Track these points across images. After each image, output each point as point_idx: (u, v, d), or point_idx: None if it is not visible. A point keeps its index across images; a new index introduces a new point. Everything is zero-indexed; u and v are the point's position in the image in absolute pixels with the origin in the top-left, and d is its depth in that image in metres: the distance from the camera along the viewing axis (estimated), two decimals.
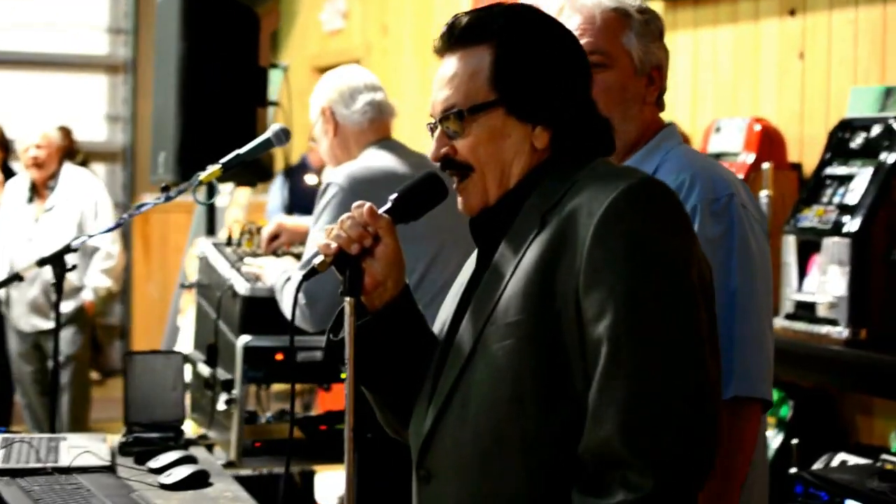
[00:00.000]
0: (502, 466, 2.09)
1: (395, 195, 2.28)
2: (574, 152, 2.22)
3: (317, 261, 2.21)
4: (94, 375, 10.64)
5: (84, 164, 8.71)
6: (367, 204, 2.22)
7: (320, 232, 3.87)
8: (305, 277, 2.25)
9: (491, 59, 2.19)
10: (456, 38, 2.23)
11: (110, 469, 3.24)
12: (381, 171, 3.99)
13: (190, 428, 4.28)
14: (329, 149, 4.22)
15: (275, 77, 5.55)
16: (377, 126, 4.16)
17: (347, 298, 2.20)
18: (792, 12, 5.47)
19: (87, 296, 7.41)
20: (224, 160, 3.66)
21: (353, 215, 2.22)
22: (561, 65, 2.22)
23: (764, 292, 2.70)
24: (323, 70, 11.21)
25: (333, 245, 2.20)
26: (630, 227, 2.03)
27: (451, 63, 2.23)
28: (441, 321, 2.35)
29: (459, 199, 2.28)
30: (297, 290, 2.35)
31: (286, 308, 3.91)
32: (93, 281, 7.42)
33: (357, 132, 4.15)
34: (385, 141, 4.16)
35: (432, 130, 2.27)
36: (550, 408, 2.06)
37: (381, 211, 2.24)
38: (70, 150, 8.34)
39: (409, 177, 2.27)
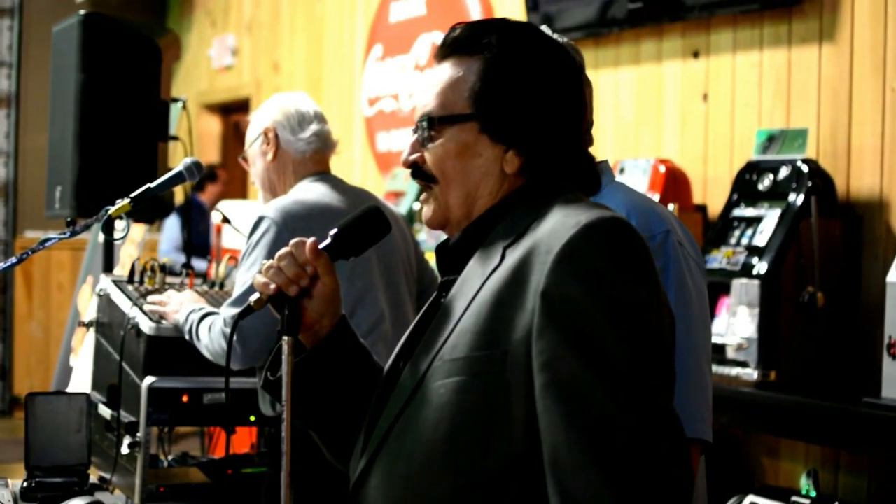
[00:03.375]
0: None
1: (334, 231, 2.18)
2: (549, 184, 2.13)
3: (253, 299, 2.14)
4: None
5: None
6: (310, 241, 2.13)
7: (252, 267, 3.71)
8: (241, 316, 2.17)
9: (476, 73, 2.11)
10: (448, 46, 2.16)
11: None
12: (315, 205, 3.83)
13: None
14: (264, 171, 4.06)
15: (174, 112, 5.40)
16: (319, 158, 4.04)
17: (285, 338, 2.11)
18: (696, 54, 5.50)
19: None
20: (134, 194, 3.51)
21: (291, 252, 2.13)
22: (549, 91, 2.12)
23: (702, 331, 2.67)
24: (212, 107, 11.22)
25: (272, 285, 2.12)
26: (588, 267, 1.91)
27: (440, 70, 2.16)
28: (393, 355, 2.26)
29: (423, 210, 2.20)
30: (234, 328, 2.27)
31: (208, 345, 3.76)
32: None
33: (298, 160, 4.01)
34: (322, 174, 4.02)
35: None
36: (486, 451, 1.94)
37: (320, 247, 2.15)
38: None
39: (345, 212, 2.18)
